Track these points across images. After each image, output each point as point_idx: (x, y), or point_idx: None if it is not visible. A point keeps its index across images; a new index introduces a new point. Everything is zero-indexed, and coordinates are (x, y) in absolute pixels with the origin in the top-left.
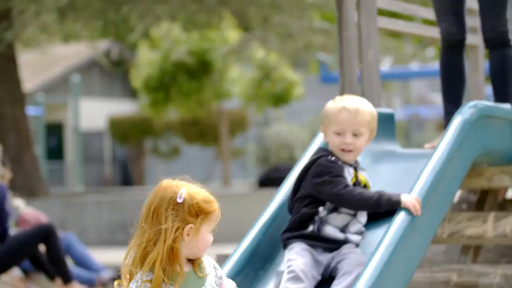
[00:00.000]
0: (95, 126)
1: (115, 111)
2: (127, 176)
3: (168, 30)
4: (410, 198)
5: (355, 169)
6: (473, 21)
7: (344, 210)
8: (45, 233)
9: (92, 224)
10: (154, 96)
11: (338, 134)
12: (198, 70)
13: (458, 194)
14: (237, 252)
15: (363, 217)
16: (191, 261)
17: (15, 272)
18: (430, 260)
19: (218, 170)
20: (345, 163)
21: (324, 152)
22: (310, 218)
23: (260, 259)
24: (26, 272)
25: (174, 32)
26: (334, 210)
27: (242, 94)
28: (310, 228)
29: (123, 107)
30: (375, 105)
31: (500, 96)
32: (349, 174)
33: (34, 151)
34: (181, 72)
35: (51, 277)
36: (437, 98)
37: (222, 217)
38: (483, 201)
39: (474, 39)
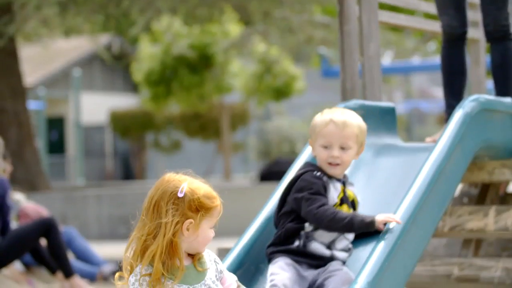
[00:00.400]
0: (96, 120)
1: (116, 105)
2: (128, 170)
3: (169, 24)
4: (383, 216)
5: (344, 184)
6: (474, 15)
7: None
8: (46, 227)
9: (93, 218)
10: (155, 90)
11: (325, 147)
12: (199, 64)
13: (459, 187)
14: (238, 246)
15: (350, 233)
16: (191, 255)
17: (16, 266)
18: (431, 253)
19: (219, 164)
20: (332, 178)
21: (310, 167)
22: (295, 233)
23: (261, 253)
24: (27, 266)
25: (175, 26)
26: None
27: (243, 88)
28: (296, 243)
29: (124, 101)
30: (376, 98)
31: (501, 89)
32: (335, 190)
33: (35, 145)
34: (182, 66)
35: (52, 271)
36: (438, 92)
37: (223, 210)
38: (484, 194)
39: (475, 33)
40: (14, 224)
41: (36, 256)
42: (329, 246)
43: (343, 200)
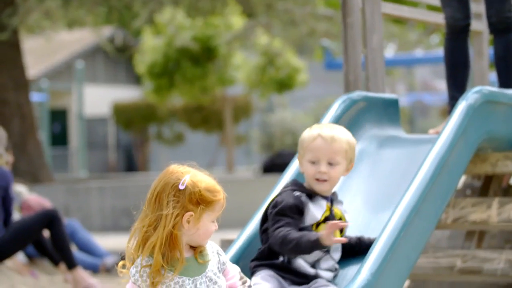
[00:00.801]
0: (99, 112)
1: (119, 97)
2: (131, 162)
3: (172, 16)
4: (327, 228)
5: (332, 201)
6: (477, 7)
7: None
8: (49, 218)
9: (96, 210)
10: (158, 82)
11: (313, 162)
12: (202, 56)
13: (462, 179)
14: (241, 237)
15: (337, 253)
16: (193, 247)
17: (19, 258)
18: (434, 245)
19: (222, 156)
20: (317, 195)
21: (292, 186)
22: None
23: None
24: (30, 257)
25: (178, 18)
26: None
27: (246, 80)
28: (280, 259)
29: (127, 93)
30: (379, 90)
31: (505, 81)
32: (319, 208)
33: (38, 137)
34: (185, 58)
35: (55, 263)
36: (441, 85)
37: (226, 202)
38: (487, 186)
39: (479, 25)
40: (17, 215)
41: (39, 247)
42: (314, 265)
43: (328, 218)
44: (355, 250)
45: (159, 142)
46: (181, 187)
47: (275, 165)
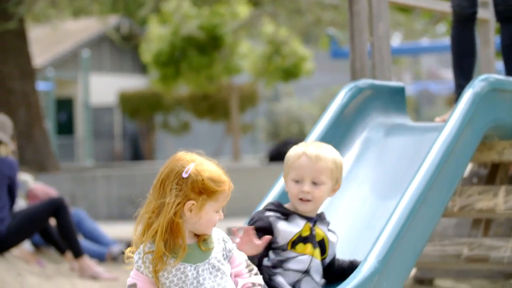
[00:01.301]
0: (105, 101)
1: (125, 86)
2: (137, 151)
3: (178, 5)
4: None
5: (315, 222)
6: None
7: (290, 266)
8: (56, 207)
9: (102, 199)
10: (164, 71)
11: (297, 181)
12: (208, 45)
13: (468, 168)
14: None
15: (317, 275)
16: (197, 235)
17: (26, 246)
18: (441, 233)
19: (228, 145)
20: (296, 214)
21: (270, 205)
22: (258, 266)
23: None
24: (36, 246)
25: (184, 7)
26: (278, 265)
27: (252, 69)
28: (263, 275)
29: (133, 82)
30: (386, 78)
31: (511, 69)
32: (295, 226)
33: (44, 126)
34: (191, 47)
35: (62, 251)
36: (447, 74)
37: (233, 190)
38: (494, 174)
39: (485, 13)
40: (23, 204)
41: (45, 236)
42: (294, 286)
43: (308, 238)
44: (347, 274)
45: (165, 131)
46: (184, 175)
47: (281, 153)
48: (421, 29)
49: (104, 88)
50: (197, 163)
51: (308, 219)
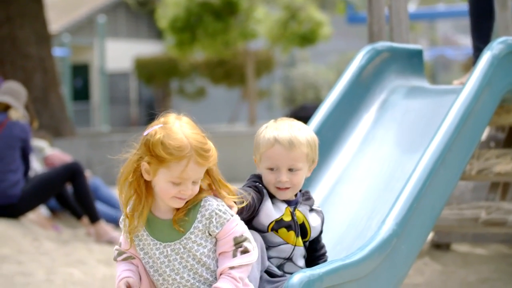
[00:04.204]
0: (120, 67)
1: (141, 52)
2: (153, 117)
3: None
4: None
5: (296, 204)
6: None
7: (272, 254)
8: (72, 171)
9: (118, 164)
10: (180, 36)
11: (272, 169)
12: (224, 11)
13: (486, 132)
14: None
15: (300, 260)
16: (178, 209)
17: (42, 211)
18: (458, 197)
19: (244, 111)
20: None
21: (255, 177)
22: None
23: None
24: (53, 211)
25: None
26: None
27: (268, 34)
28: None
29: (149, 48)
30: (404, 41)
31: None
32: (278, 211)
33: (60, 92)
34: (207, 12)
35: (78, 216)
36: (463, 40)
37: (248, 156)
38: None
39: None
40: (39, 168)
41: (61, 201)
42: (278, 267)
43: (290, 225)
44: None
45: (181, 96)
46: (145, 133)
47: (298, 118)
48: None
49: (120, 54)
50: (167, 125)
51: (288, 202)
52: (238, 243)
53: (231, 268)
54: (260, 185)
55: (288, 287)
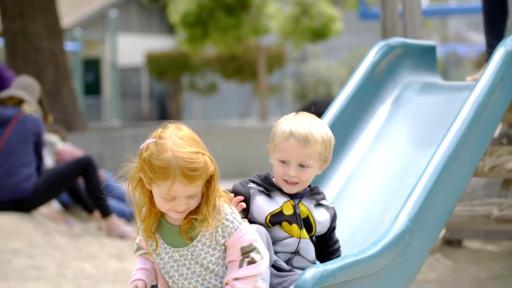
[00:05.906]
0: (132, 61)
1: (152, 47)
2: (164, 112)
3: None
4: None
5: (301, 198)
6: None
7: (278, 249)
8: (84, 166)
9: (129, 159)
10: (192, 31)
11: (283, 162)
12: (236, 6)
13: (498, 128)
14: None
15: (308, 254)
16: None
17: (54, 205)
18: (470, 194)
19: (255, 106)
20: (278, 191)
21: (256, 177)
22: None
23: None
24: (64, 205)
25: None
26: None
27: (280, 30)
28: None
29: (161, 43)
30: (417, 36)
31: None
32: (274, 204)
33: (72, 86)
34: (219, 7)
35: (89, 211)
36: (475, 37)
37: (259, 151)
38: None
39: None
40: (51, 163)
41: (73, 195)
42: (287, 262)
43: (292, 219)
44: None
45: (192, 91)
46: (141, 145)
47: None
48: None
49: (132, 48)
50: (160, 140)
51: (291, 196)
52: (246, 253)
53: (235, 279)
54: (252, 185)
55: (301, 283)
